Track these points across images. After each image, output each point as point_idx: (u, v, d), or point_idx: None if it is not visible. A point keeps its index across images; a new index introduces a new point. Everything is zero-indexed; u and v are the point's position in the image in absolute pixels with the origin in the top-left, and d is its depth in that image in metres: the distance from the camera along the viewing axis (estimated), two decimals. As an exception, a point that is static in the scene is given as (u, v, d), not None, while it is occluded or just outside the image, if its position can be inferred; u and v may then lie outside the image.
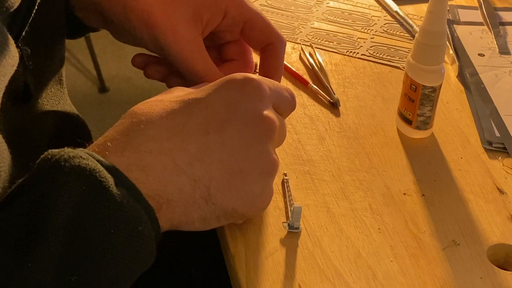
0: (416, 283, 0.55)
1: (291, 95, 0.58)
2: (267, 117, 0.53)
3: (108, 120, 2.38)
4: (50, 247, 0.43)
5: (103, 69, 2.20)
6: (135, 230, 0.46)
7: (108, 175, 0.46)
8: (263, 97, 0.54)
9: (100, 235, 0.45)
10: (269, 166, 0.53)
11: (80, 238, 0.44)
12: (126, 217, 0.46)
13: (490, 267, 0.56)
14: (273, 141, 0.54)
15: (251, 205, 0.53)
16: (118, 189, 0.46)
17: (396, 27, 0.87)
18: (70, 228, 0.44)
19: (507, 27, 0.87)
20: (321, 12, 0.90)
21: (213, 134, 0.51)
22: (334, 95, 0.73)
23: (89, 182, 0.45)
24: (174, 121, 0.51)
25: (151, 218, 0.47)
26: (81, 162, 0.46)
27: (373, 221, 0.60)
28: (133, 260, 0.47)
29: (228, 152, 0.51)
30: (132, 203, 0.46)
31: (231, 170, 0.51)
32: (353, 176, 0.65)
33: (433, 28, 0.64)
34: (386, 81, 0.78)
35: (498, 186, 0.64)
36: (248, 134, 0.52)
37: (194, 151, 0.50)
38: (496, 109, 0.73)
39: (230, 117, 0.52)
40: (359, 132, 0.70)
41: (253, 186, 0.52)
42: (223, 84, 0.54)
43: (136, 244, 0.46)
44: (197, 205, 0.51)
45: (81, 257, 0.44)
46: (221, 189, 0.51)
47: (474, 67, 0.80)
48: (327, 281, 0.55)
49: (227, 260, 0.58)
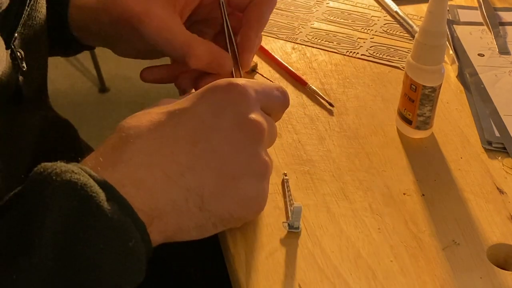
0: (416, 283, 0.55)
1: (282, 92, 0.58)
2: (254, 121, 0.53)
3: (108, 120, 2.39)
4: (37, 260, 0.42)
5: (103, 69, 2.20)
6: (126, 246, 0.46)
7: (99, 190, 0.46)
8: (249, 101, 0.53)
9: (89, 250, 0.44)
10: (261, 169, 0.53)
11: (69, 253, 0.44)
12: (117, 232, 0.45)
13: (490, 267, 0.56)
14: (263, 143, 0.53)
15: (246, 208, 0.53)
16: (109, 204, 0.45)
17: (396, 27, 0.87)
18: (59, 242, 0.43)
19: (507, 27, 0.87)
20: (321, 12, 0.90)
21: (202, 143, 0.51)
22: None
23: (79, 196, 0.45)
24: (162, 133, 0.51)
25: (142, 234, 0.47)
26: (72, 176, 0.45)
27: (373, 221, 0.60)
28: (123, 276, 0.46)
29: (219, 158, 0.51)
30: (123, 218, 0.46)
31: (223, 176, 0.51)
32: (353, 176, 0.65)
33: (433, 28, 0.64)
34: (386, 81, 0.78)
35: (498, 186, 0.64)
36: (237, 139, 0.52)
37: (185, 161, 0.50)
38: (496, 109, 0.73)
39: (218, 123, 0.52)
40: (359, 132, 0.70)
41: (247, 190, 0.52)
42: (207, 91, 0.53)
43: (126, 260, 0.46)
44: (191, 214, 0.50)
45: (70, 272, 0.43)
46: (214, 196, 0.51)
47: (474, 67, 0.80)
48: (327, 281, 0.55)
49: (227, 260, 0.58)
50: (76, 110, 2.06)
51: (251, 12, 0.64)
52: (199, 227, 0.51)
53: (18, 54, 0.58)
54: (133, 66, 2.28)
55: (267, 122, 0.55)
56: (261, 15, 0.64)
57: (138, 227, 0.46)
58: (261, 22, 0.65)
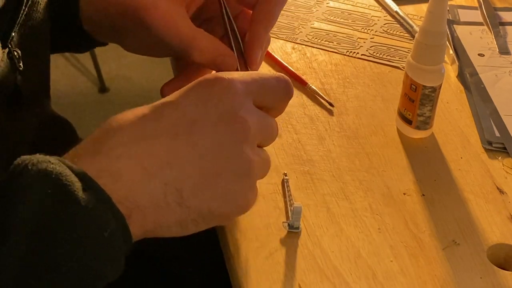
0: (416, 283, 0.55)
1: (282, 81, 0.55)
2: (239, 117, 0.51)
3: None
4: (10, 248, 0.42)
5: (103, 69, 2.20)
6: (100, 236, 0.45)
7: (75, 179, 0.45)
8: (234, 96, 0.52)
9: (63, 238, 0.44)
10: (243, 166, 0.51)
11: (43, 241, 0.43)
12: (91, 221, 0.45)
13: (490, 267, 0.56)
14: (247, 141, 0.52)
15: (227, 206, 0.51)
16: (85, 194, 0.45)
17: (396, 27, 0.87)
18: (33, 229, 0.43)
19: (507, 27, 0.87)
20: (321, 12, 0.90)
21: (182, 136, 0.50)
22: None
23: (54, 185, 0.44)
24: (143, 125, 0.50)
25: (121, 224, 0.46)
26: (48, 166, 0.45)
27: (373, 221, 0.60)
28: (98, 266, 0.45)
29: (199, 153, 0.50)
30: (99, 208, 0.45)
31: (203, 172, 0.50)
32: (353, 176, 0.65)
33: (433, 28, 0.64)
34: (386, 81, 0.78)
35: (498, 186, 0.64)
36: (219, 135, 0.51)
37: (164, 155, 0.49)
38: (496, 109, 0.73)
39: (200, 117, 0.51)
40: (359, 132, 0.70)
41: (229, 187, 0.51)
42: (194, 85, 0.52)
43: (101, 250, 0.45)
44: (170, 209, 0.49)
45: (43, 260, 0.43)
46: (194, 191, 0.50)
47: (474, 67, 0.80)
48: (327, 281, 0.55)
49: (227, 260, 0.58)
50: (76, 110, 2.06)
51: (260, 7, 0.63)
52: (179, 223, 0.50)
53: (15, 53, 0.58)
54: (133, 66, 2.27)
55: (258, 117, 0.53)
56: (271, 10, 0.62)
57: (116, 217, 0.46)
58: (271, 18, 0.63)
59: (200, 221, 0.51)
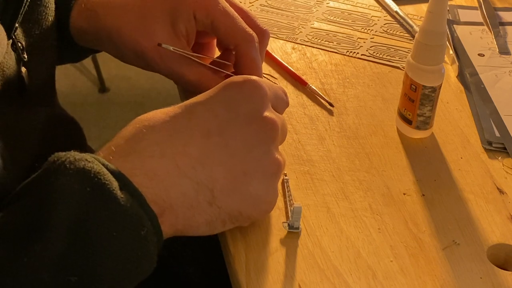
0: (416, 283, 0.55)
1: (284, 93, 0.59)
2: (268, 118, 0.53)
3: (108, 120, 2.38)
4: (49, 244, 0.43)
5: (103, 69, 2.20)
6: (138, 235, 0.46)
7: (112, 178, 0.46)
8: (263, 98, 0.54)
9: (102, 237, 0.45)
10: (272, 167, 0.53)
11: (82, 238, 0.44)
12: (129, 220, 0.46)
13: (490, 267, 0.56)
14: (276, 141, 0.54)
15: (256, 207, 0.53)
16: (122, 193, 0.46)
17: (396, 27, 0.87)
18: (73, 227, 0.44)
19: (507, 27, 0.87)
20: (321, 12, 0.90)
21: (214, 137, 0.51)
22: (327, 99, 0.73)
23: (93, 184, 0.45)
24: (175, 125, 0.51)
25: (154, 224, 0.47)
26: (86, 165, 0.46)
27: (373, 221, 0.60)
28: (134, 264, 0.46)
29: (231, 154, 0.51)
30: (136, 207, 0.46)
31: (234, 172, 0.51)
32: (353, 176, 0.65)
33: (433, 28, 0.64)
34: (386, 81, 0.78)
35: (498, 186, 0.64)
36: (250, 135, 0.52)
37: (196, 154, 0.50)
38: (496, 109, 0.73)
39: (231, 118, 0.52)
40: (359, 132, 0.70)
41: (258, 188, 0.52)
42: (223, 86, 0.54)
43: (137, 248, 0.46)
44: (201, 208, 0.50)
45: (82, 258, 0.44)
46: (225, 191, 0.51)
47: (474, 67, 0.80)
48: (327, 281, 0.55)
49: (227, 260, 0.58)
50: (76, 110, 2.06)
51: (239, 58, 0.64)
52: (208, 223, 0.51)
53: (19, 44, 0.58)
54: (133, 66, 2.26)
55: (280, 119, 0.55)
56: (251, 59, 0.63)
57: (149, 217, 0.47)
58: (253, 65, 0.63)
59: (227, 221, 0.52)
